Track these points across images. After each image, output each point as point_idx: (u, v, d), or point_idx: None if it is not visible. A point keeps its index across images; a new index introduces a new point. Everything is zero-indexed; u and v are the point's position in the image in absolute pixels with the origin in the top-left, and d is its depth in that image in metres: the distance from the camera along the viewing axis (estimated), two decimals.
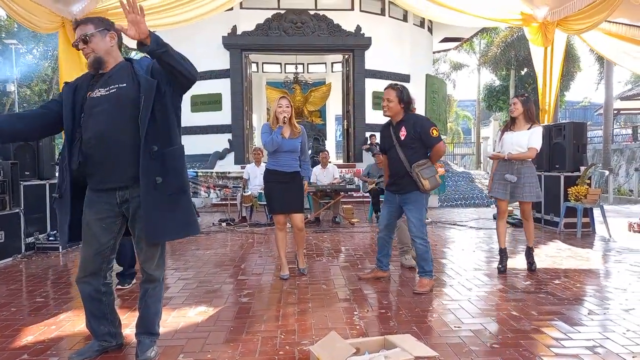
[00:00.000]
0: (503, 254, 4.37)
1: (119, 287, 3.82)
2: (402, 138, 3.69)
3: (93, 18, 2.39)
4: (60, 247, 5.54)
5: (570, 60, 20.33)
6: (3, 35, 22.62)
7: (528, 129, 4.17)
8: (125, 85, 2.31)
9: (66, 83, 2.48)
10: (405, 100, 3.71)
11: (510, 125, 4.34)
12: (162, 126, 2.33)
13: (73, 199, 2.37)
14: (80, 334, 2.85)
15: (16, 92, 21.42)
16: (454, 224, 7.73)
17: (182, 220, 2.40)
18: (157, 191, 2.29)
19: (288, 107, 3.97)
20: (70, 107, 2.34)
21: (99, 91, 2.32)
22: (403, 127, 3.70)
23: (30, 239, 5.49)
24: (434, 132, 3.64)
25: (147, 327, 2.54)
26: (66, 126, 2.33)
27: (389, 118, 3.84)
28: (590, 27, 7.21)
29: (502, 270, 4.28)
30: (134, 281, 3.93)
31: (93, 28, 2.32)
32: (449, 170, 14.12)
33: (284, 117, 3.92)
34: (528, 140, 4.14)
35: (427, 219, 7.95)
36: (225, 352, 2.56)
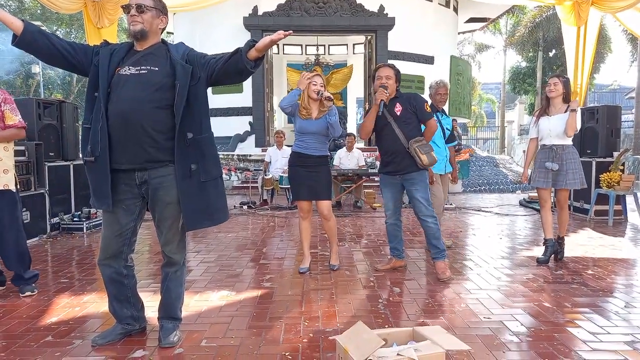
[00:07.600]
0: (549, 245, 4.14)
1: (22, 295, 3.26)
2: (398, 113, 3.60)
3: None
4: (84, 227, 5.60)
5: (601, 42, 19.53)
6: (27, 17, 22.85)
7: (565, 111, 3.97)
8: (157, 69, 2.27)
9: (104, 44, 2.38)
10: (400, 79, 3.72)
11: (545, 108, 4.11)
12: (195, 113, 2.32)
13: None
14: (103, 316, 2.85)
15: (41, 73, 21.71)
16: (478, 210, 7.56)
17: (215, 207, 2.39)
18: (192, 179, 2.30)
19: (322, 85, 3.77)
20: (107, 70, 2.26)
21: (129, 69, 2.26)
22: (398, 103, 3.63)
23: (55, 219, 5.56)
24: (428, 107, 3.66)
25: (169, 312, 2.52)
26: (102, 88, 2.24)
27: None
28: (629, 5, 6.84)
29: (543, 260, 4.08)
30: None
31: (152, 3, 2.31)
32: (473, 154, 13.83)
33: (319, 91, 3.69)
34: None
35: (450, 203, 7.84)
36: (248, 338, 2.52)
